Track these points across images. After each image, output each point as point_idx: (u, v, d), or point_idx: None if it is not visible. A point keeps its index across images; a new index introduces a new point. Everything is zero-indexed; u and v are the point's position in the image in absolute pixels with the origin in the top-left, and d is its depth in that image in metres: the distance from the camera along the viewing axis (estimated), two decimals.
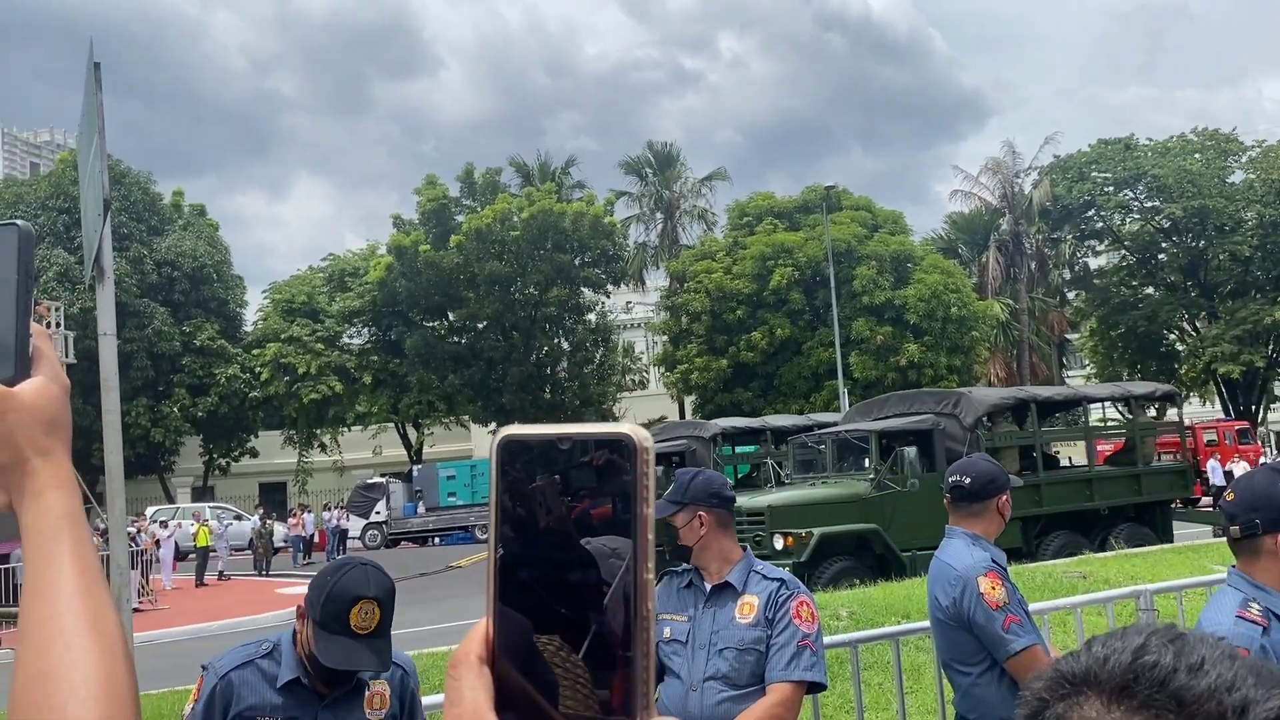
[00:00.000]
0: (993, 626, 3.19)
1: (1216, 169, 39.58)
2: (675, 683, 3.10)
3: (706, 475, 3.25)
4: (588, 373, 40.19)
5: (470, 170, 40.90)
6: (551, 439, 0.61)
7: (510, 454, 0.61)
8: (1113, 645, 0.66)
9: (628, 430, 0.60)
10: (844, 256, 36.22)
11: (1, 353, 0.86)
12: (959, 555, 3.35)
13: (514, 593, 0.60)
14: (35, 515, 0.84)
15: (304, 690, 2.58)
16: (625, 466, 0.59)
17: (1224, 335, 37.54)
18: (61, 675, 0.77)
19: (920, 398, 16.46)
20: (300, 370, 39.21)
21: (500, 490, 0.61)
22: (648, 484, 0.59)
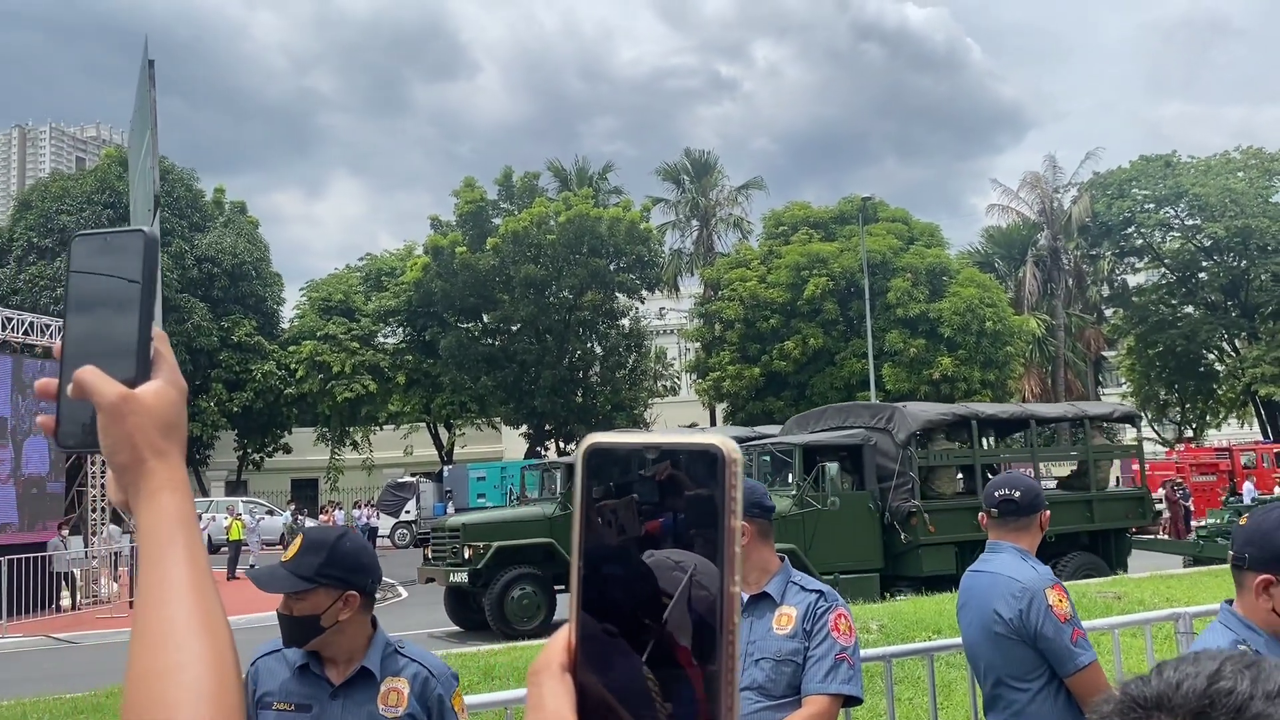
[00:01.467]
0: (1062, 639, 3.17)
1: (1260, 188, 39.08)
2: None
3: (749, 485, 3.26)
4: (620, 378, 40.24)
5: (508, 173, 41.13)
6: (639, 448, 0.60)
7: (597, 462, 0.61)
8: (1186, 670, 0.65)
9: (717, 442, 0.59)
10: (879, 268, 36.05)
11: (124, 355, 0.88)
12: (1018, 569, 3.32)
13: (597, 601, 0.59)
14: (151, 516, 0.87)
15: (314, 676, 2.61)
16: (713, 478, 0.59)
17: (1265, 356, 37.03)
18: (174, 675, 0.79)
19: (856, 411, 15.86)
20: (335, 368, 39.55)
21: (586, 498, 0.61)
22: (735, 496, 0.59)
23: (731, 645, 0.58)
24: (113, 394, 0.86)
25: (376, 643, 2.66)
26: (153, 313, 0.90)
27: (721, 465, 0.59)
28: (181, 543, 0.86)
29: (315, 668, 2.61)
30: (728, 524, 0.58)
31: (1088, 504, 15.12)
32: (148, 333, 0.89)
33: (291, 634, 2.59)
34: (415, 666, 2.66)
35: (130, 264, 0.89)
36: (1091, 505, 15.11)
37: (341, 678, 2.61)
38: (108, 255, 0.90)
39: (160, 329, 0.92)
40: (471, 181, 40.17)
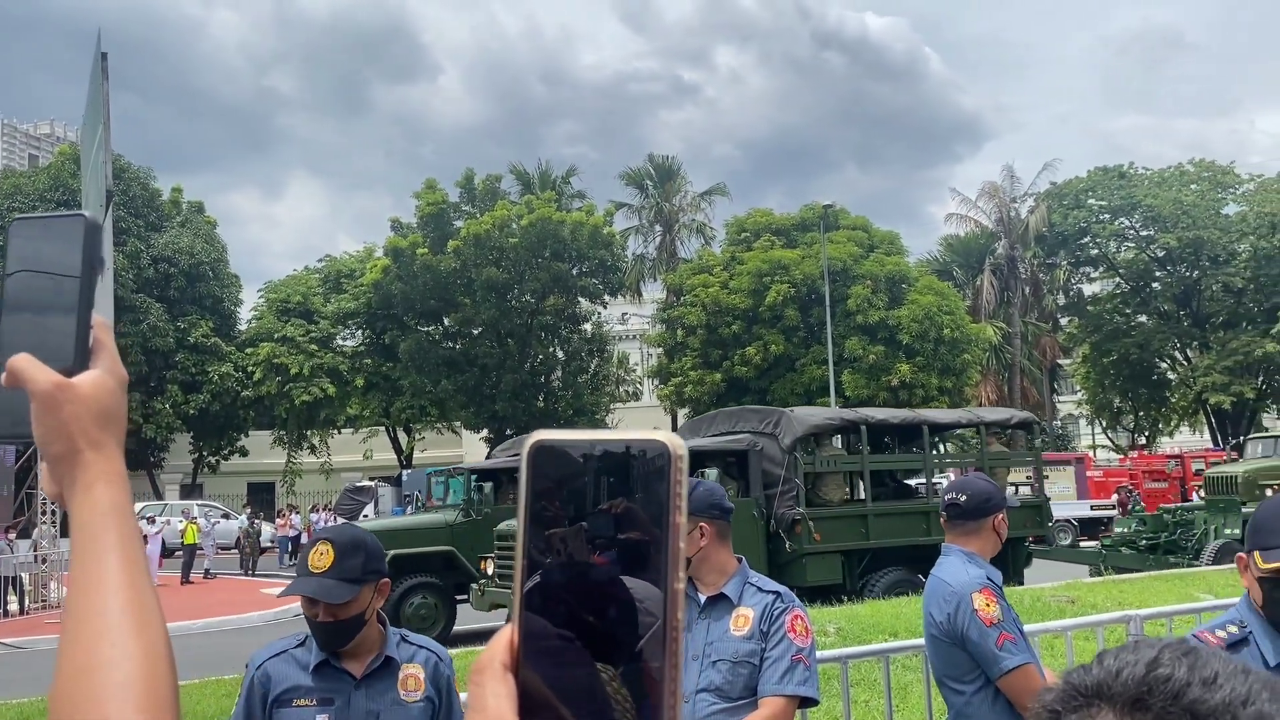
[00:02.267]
0: (986, 644, 3.19)
1: (1212, 200, 39.87)
2: None
3: (708, 486, 3.26)
4: (582, 382, 40.18)
5: (470, 176, 40.96)
6: (584, 445, 0.60)
7: (542, 459, 0.60)
8: (1125, 658, 0.66)
9: (663, 438, 0.59)
10: (839, 275, 36.34)
11: (62, 343, 0.86)
12: (954, 572, 3.36)
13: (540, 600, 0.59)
14: (84, 508, 0.84)
15: (335, 671, 2.68)
16: (659, 474, 0.59)
17: (1215, 365, 37.73)
18: (104, 671, 0.77)
19: (745, 415, 15.22)
20: (293, 371, 39.14)
21: (530, 496, 0.60)
22: (681, 492, 0.59)
23: (675, 643, 0.57)
24: (47, 382, 0.84)
25: (391, 632, 2.78)
26: (93, 300, 0.87)
27: (667, 461, 0.59)
28: (115, 536, 0.83)
29: (335, 662, 2.68)
30: (673, 520, 0.58)
31: None
32: (87, 321, 0.87)
33: (337, 638, 2.66)
34: (425, 652, 2.80)
35: (70, 250, 0.86)
36: None
37: (363, 669, 2.69)
38: (47, 241, 0.87)
39: (101, 317, 0.90)
40: (433, 183, 39.96)
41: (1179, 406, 42.16)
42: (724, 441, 14.21)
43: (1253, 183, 40.51)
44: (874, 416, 15.09)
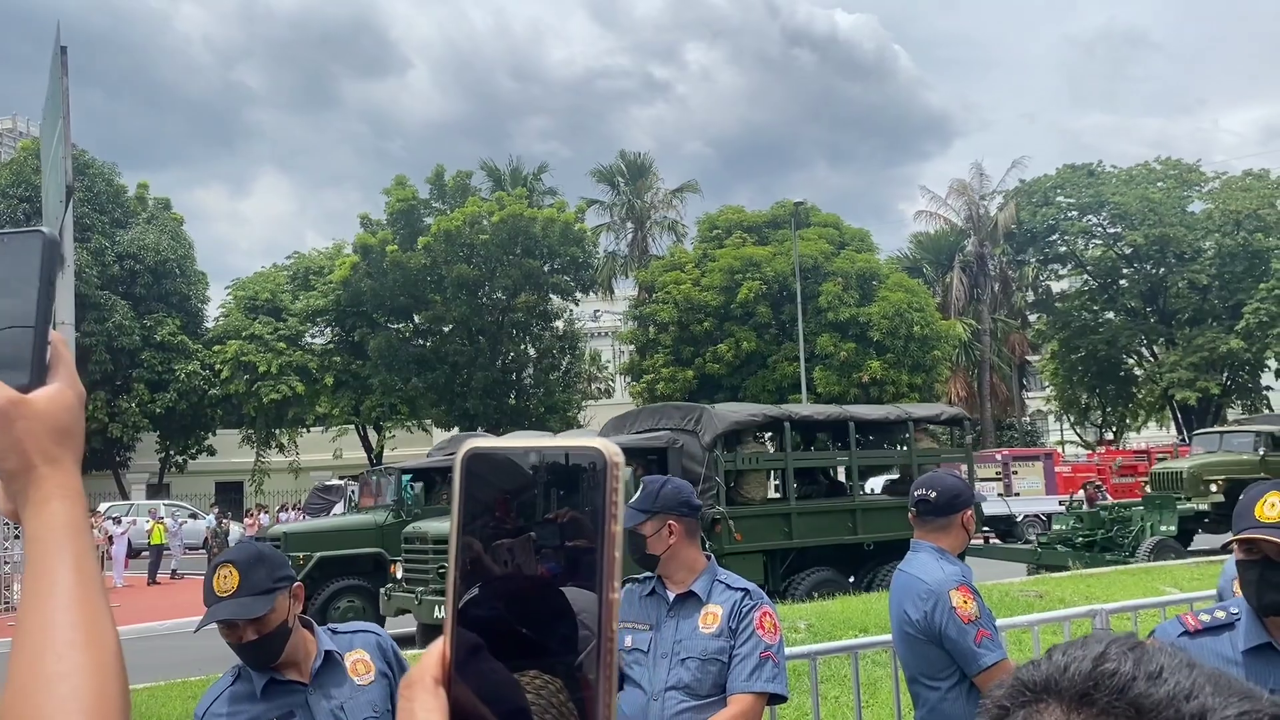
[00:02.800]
0: (965, 641, 3.20)
1: (1177, 198, 40.32)
2: (636, 692, 3.08)
3: (676, 483, 3.24)
4: (554, 380, 40.11)
5: (440, 172, 40.74)
6: (519, 452, 0.59)
7: (475, 468, 0.59)
8: (1073, 653, 0.66)
9: (599, 445, 0.58)
10: (811, 272, 36.47)
11: (18, 359, 0.85)
12: (928, 569, 3.36)
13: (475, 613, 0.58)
14: (39, 524, 0.83)
15: (283, 685, 2.64)
16: (595, 482, 0.57)
17: (1181, 362, 38.18)
18: (53, 686, 0.76)
19: (667, 412, 14.67)
20: (261, 369, 38.79)
21: (463, 505, 0.59)
22: (617, 500, 0.58)
23: (610, 654, 0.56)
24: (1, 399, 0.83)
25: (319, 630, 2.75)
26: (50, 317, 0.86)
27: (603, 469, 0.58)
28: (70, 551, 0.83)
29: (281, 677, 2.65)
30: (609, 529, 0.57)
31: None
32: (44, 337, 0.86)
33: (265, 654, 2.61)
34: (361, 635, 2.81)
35: (28, 266, 0.85)
36: None
37: (309, 672, 2.66)
38: (4, 257, 0.86)
39: (58, 332, 0.89)
40: (403, 180, 39.73)
41: (1145, 402, 42.64)
42: (643, 439, 13.74)
43: (1217, 180, 41.03)
44: (798, 413, 14.62)
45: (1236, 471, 21.58)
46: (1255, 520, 2.44)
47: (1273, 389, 41.65)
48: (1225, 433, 24.70)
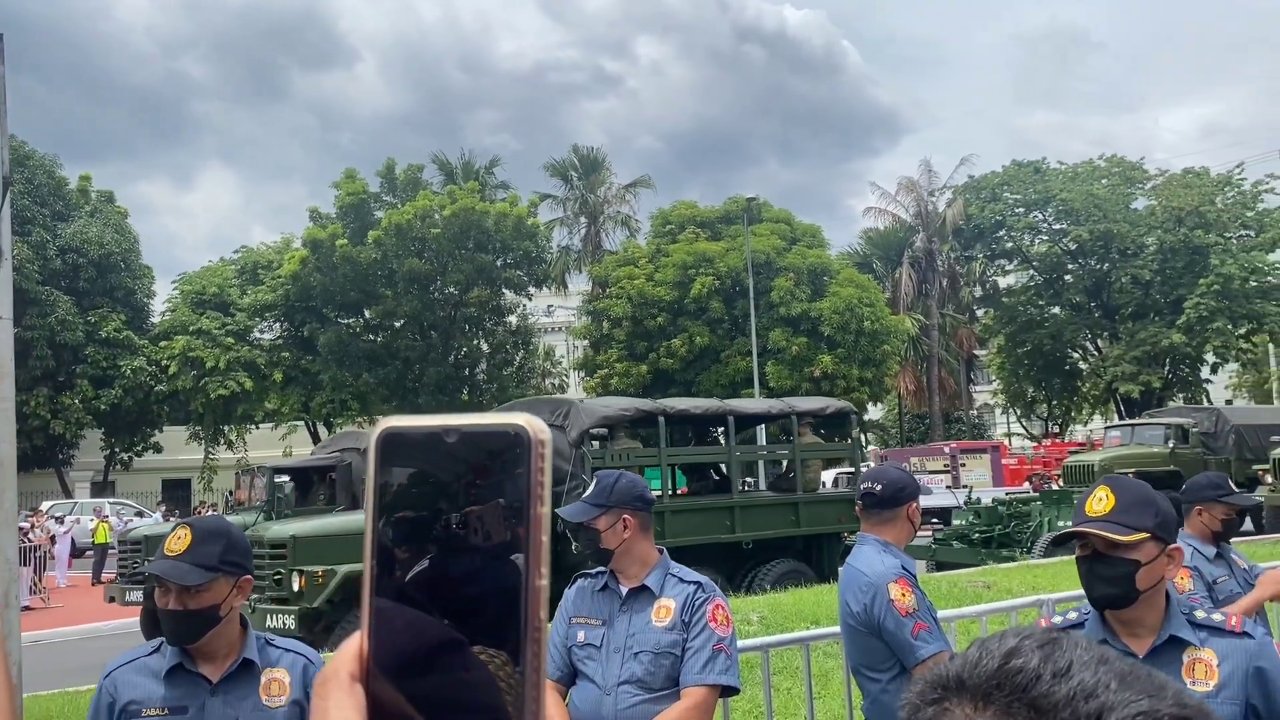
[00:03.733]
0: (902, 633, 3.24)
1: (1121, 195, 41.06)
2: (589, 687, 3.09)
3: (630, 477, 3.26)
4: (507, 375, 39.96)
5: (391, 165, 40.36)
6: (437, 431, 0.55)
7: (391, 449, 0.56)
8: (988, 648, 0.66)
9: (522, 421, 0.55)
10: (763, 268, 36.70)
11: None
12: (870, 562, 3.40)
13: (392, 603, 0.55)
14: None
15: (189, 676, 2.53)
16: (518, 461, 0.54)
17: (1124, 356, 38.89)
18: None
19: (537, 406, 13.87)
20: (208, 364, 38.21)
21: (378, 490, 0.56)
22: (543, 480, 0.54)
23: (537, 644, 0.54)
24: None
25: (251, 634, 2.62)
26: None
27: (527, 447, 0.54)
28: None
29: (189, 666, 2.52)
30: (534, 511, 0.54)
31: (792, 508, 13.59)
32: None
33: (184, 630, 2.50)
34: (292, 655, 2.64)
35: None
36: (798, 509, 13.61)
37: (220, 673, 2.53)
38: None
39: None
40: (353, 173, 39.30)
41: (1090, 395, 43.43)
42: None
43: (1160, 178, 41.85)
44: (674, 407, 13.83)
45: (1147, 464, 21.60)
46: (1085, 515, 2.42)
47: (1212, 382, 42.65)
48: (1137, 425, 24.77)
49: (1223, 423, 23.72)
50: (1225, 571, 4.41)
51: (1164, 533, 2.37)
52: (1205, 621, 2.38)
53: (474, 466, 0.55)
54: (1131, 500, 2.39)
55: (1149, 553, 2.33)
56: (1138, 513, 2.36)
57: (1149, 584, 2.34)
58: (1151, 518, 2.36)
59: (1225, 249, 37.83)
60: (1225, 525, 4.46)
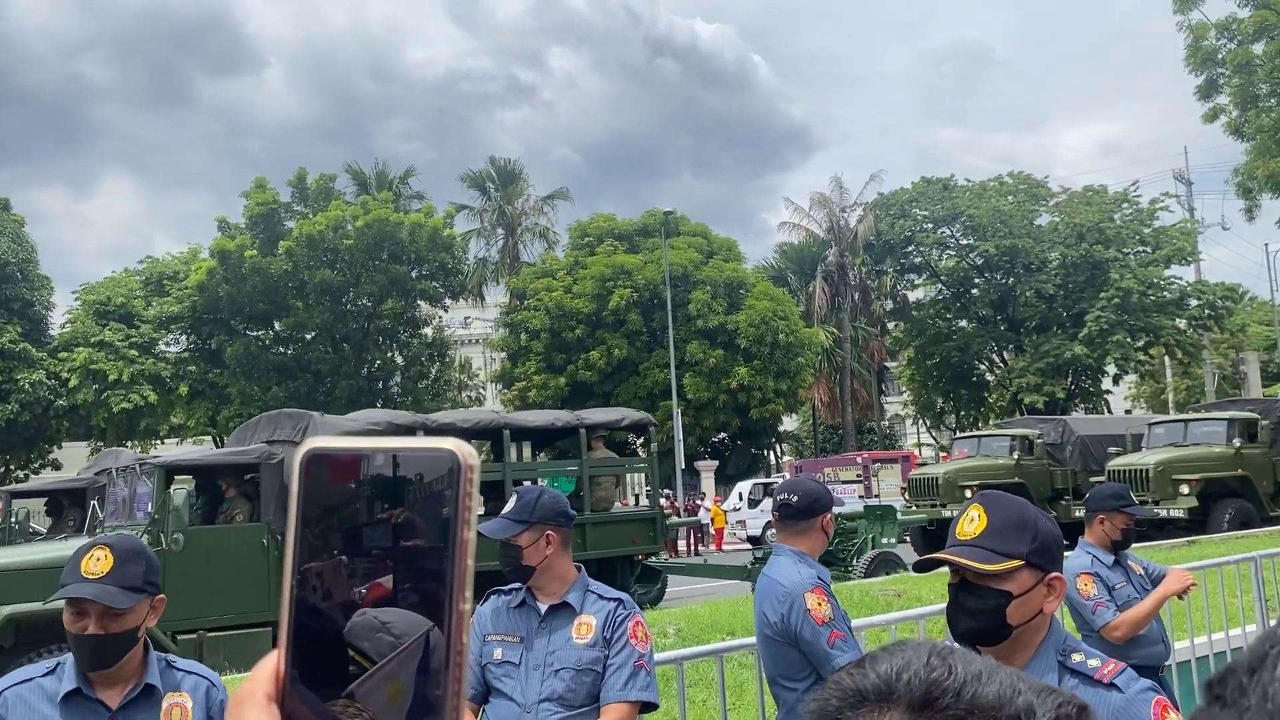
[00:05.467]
0: (819, 642, 3.28)
1: (1026, 211, 42.32)
2: (507, 704, 3.07)
3: (552, 493, 3.25)
4: (422, 388, 39.48)
5: (302, 175, 39.66)
6: (364, 453, 0.55)
7: (316, 471, 0.55)
8: (906, 658, 0.68)
9: (451, 446, 0.55)
10: (681, 280, 36.97)
11: None
12: (786, 572, 3.45)
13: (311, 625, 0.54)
14: None
15: (87, 701, 2.43)
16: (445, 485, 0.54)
17: (1029, 368, 40.03)
18: None
19: (281, 421, 12.43)
20: (111, 377, 37.01)
21: (301, 512, 0.55)
22: (470, 505, 0.54)
23: (459, 667, 0.53)
24: None
25: (153, 656, 2.53)
26: None
27: (456, 472, 0.54)
28: None
29: (88, 692, 2.42)
30: (461, 536, 0.54)
31: (580, 529, 12.36)
32: None
33: (107, 654, 2.40)
34: (194, 678, 2.56)
35: None
36: (585, 530, 12.56)
37: (120, 698, 2.43)
38: None
39: None
40: (263, 182, 38.51)
41: (997, 406, 44.51)
42: (231, 453, 11.57)
43: (1063, 194, 43.27)
44: (434, 420, 12.54)
45: (992, 476, 20.97)
46: (954, 539, 2.09)
47: (1112, 393, 44.17)
48: (983, 437, 24.10)
49: (1068, 433, 22.95)
50: (1123, 579, 4.62)
51: (1041, 560, 2.02)
52: (1078, 667, 2.01)
53: (400, 489, 0.54)
54: (1004, 522, 2.04)
55: (1023, 583, 1.99)
56: (1011, 537, 2.01)
57: (1023, 618, 2.00)
58: (1027, 542, 2.01)
59: (1124, 264, 39.26)
60: (1124, 534, 4.66)
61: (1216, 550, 11.51)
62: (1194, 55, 27.42)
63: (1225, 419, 19.94)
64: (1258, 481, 19.20)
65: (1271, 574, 7.18)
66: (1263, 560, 7.12)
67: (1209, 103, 28.29)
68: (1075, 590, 4.62)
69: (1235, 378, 45.05)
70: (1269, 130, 26.41)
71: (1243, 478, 19.00)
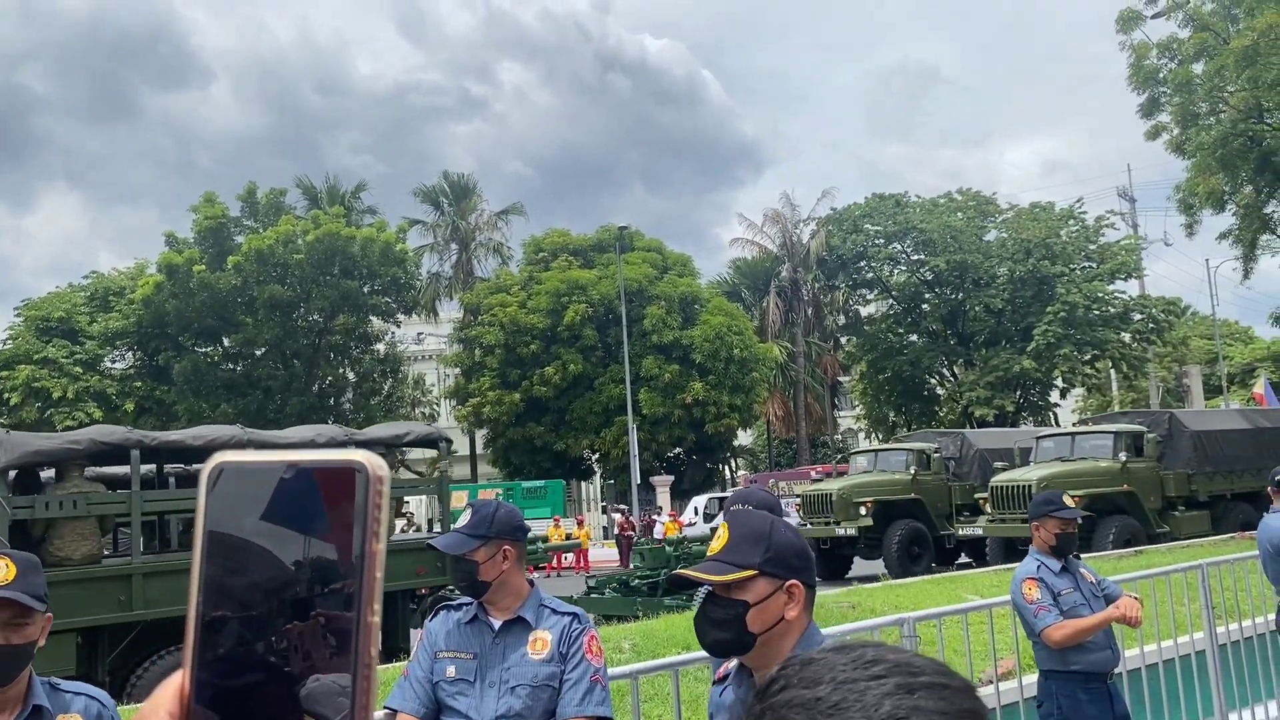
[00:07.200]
0: None
1: (976, 227, 42.96)
2: None
3: (509, 508, 3.22)
4: (374, 404, 39.12)
5: (253, 189, 39.23)
6: (273, 466, 0.55)
7: (224, 484, 0.55)
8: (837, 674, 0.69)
9: (361, 458, 0.55)
10: (635, 296, 37.02)
11: None
12: None
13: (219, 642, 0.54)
14: None
15: None
16: (354, 497, 0.54)
17: (979, 381, 40.55)
18: None
19: None
20: (55, 395, 36.29)
21: (208, 526, 0.55)
22: (380, 517, 0.54)
23: (367, 680, 0.53)
24: None
25: (37, 681, 2.43)
26: None
27: (365, 484, 0.54)
28: None
29: None
30: (369, 548, 0.54)
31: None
32: None
33: (6, 669, 2.31)
34: (84, 699, 2.49)
35: None
36: None
37: None
38: None
39: None
40: (212, 197, 38.03)
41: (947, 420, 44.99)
42: None
43: (1011, 211, 44.00)
44: (153, 439, 10.69)
45: (888, 492, 20.65)
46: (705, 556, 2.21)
47: (1060, 406, 44.87)
48: (881, 451, 23.55)
49: (967, 447, 22.47)
50: (1070, 585, 4.67)
51: (777, 568, 2.11)
52: None
53: (309, 502, 0.54)
54: (741, 535, 2.17)
55: (759, 592, 2.09)
56: (745, 549, 2.13)
57: (764, 625, 2.10)
58: (760, 553, 2.12)
59: (1070, 279, 39.97)
60: (1059, 539, 4.73)
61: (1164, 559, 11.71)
62: (1136, 74, 28.07)
63: (1112, 432, 19.27)
64: (1144, 497, 18.53)
65: (1218, 582, 7.31)
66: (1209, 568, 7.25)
67: (1151, 121, 28.98)
68: (1020, 595, 4.68)
69: (1179, 390, 46.01)
70: (1209, 148, 27.07)
71: (1128, 493, 18.33)
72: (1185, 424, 20.07)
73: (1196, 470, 19.49)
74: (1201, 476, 19.56)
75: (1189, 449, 19.59)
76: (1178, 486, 19.23)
